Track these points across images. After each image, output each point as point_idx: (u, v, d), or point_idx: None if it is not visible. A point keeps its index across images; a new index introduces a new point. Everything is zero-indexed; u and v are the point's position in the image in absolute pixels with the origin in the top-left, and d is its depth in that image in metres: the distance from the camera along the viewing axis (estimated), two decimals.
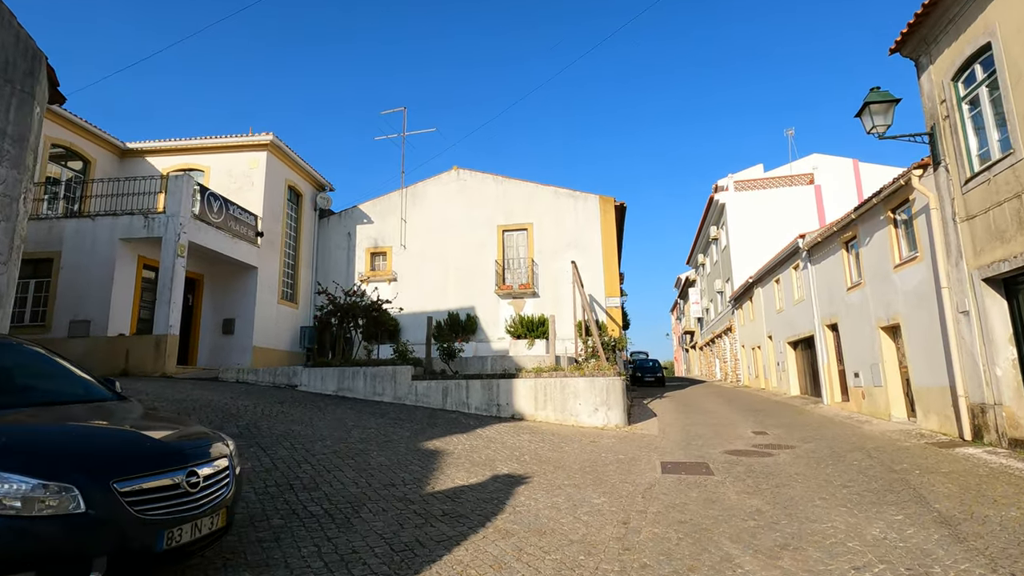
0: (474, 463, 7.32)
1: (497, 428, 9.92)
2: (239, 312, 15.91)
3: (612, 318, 18.03)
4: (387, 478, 6.24)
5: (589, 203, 18.77)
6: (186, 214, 13.00)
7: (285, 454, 6.83)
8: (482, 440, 8.82)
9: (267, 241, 16.69)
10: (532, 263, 18.55)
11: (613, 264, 18.25)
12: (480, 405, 11.33)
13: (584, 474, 7.02)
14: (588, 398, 11.00)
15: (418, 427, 9.43)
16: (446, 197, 19.74)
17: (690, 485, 6.48)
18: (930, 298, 9.49)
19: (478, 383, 11.39)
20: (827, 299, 14.73)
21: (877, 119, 8.94)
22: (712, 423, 12.15)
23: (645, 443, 9.49)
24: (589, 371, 11.32)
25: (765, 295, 21.75)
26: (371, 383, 11.68)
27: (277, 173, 17.39)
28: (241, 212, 15.31)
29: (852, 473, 6.91)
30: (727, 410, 15.06)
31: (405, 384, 11.59)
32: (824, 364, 15.09)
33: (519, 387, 11.26)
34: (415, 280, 19.23)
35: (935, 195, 8.95)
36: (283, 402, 10.23)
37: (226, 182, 16.75)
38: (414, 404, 11.47)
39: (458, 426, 9.85)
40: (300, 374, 12.06)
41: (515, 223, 19.08)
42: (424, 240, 19.46)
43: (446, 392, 11.45)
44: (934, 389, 9.56)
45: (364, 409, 10.55)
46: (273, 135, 16.54)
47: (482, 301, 18.65)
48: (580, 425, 10.90)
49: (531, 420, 11.10)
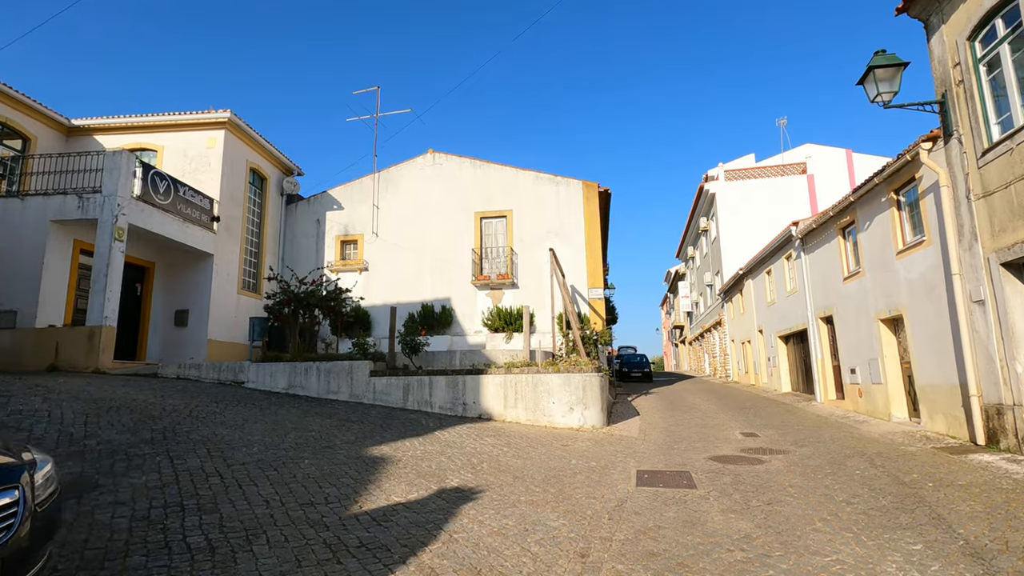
0: (420, 473, 6.31)
1: (459, 430, 8.92)
2: (193, 303, 14.76)
3: (595, 310, 17.07)
4: (308, 495, 5.22)
5: (572, 189, 17.75)
6: (125, 194, 11.83)
7: (195, 465, 5.79)
8: (438, 445, 7.82)
9: (225, 227, 15.53)
10: (511, 252, 17.53)
11: (597, 253, 17.27)
12: (444, 404, 10.32)
13: (546, 487, 6.04)
14: (562, 396, 10.02)
15: (368, 429, 8.40)
16: (421, 182, 18.64)
17: (668, 502, 5.52)
18: (938, 286, 8.58)
19: (442, 380, 10.38)
20: (822, 290, 13.84)
21: (882, 86, 7.99)
22: (698, 423, 11.24)
23: (623, 447, 8.53)
24: (564, 367, 10.35)
25: (756, 287, 20.89)
26: (325, 380, 10.63)
27: (237, 154, 16.21)
28: (193, 194, 14.14)
29: (855, 485, 5.98)
30: (715, 408, 14.17)
31: (362, 381, 10.55)
32: (818, 359, 14.22)
33: (487, 384, 10.27)
34: (388, 270, 18.15)
35: (946, 171, 8.02)
36: (221, 401, 9.16)
37: (181, 163, 15.56)
38: (371, 403, 10.44)
39: (415, 428, 8.84)
40: (248, 370, 10.98)
41: (494, 210, 18.03)
42: (397, 228, 18.37)
43: (407, 390, 10.43)
44: (941, 387, 8.67)
45: (313, 409, 9.51)
46: (231, 112, 15.34)
47: (458, 292, 17.62)
48: (553, 426, 9.93)
49: (500, 420, 10.11)
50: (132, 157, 12.20)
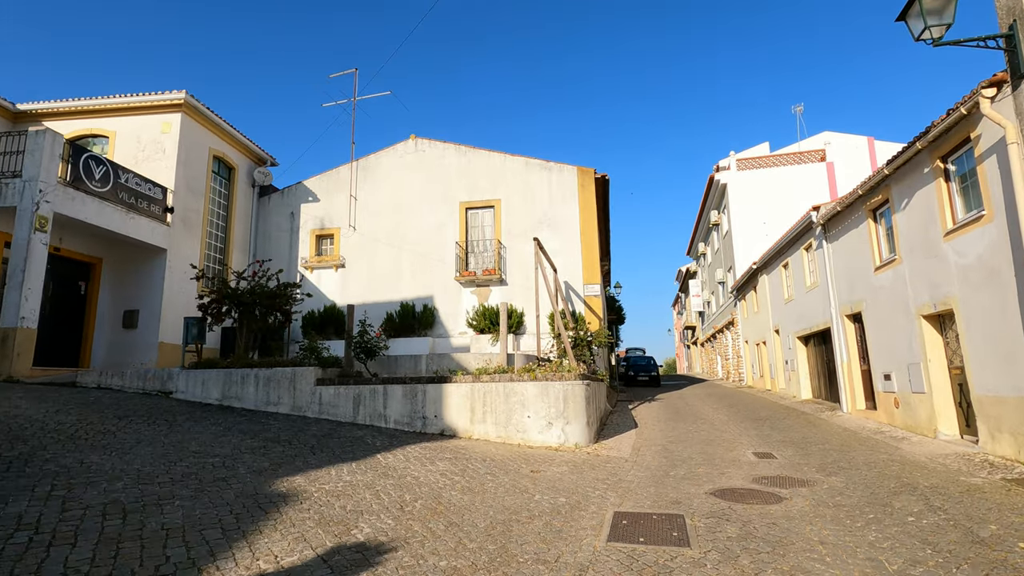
0: (324, 520, 4.75)
1: (409, 451, 7.35)
2: (144, 303, 13.38)
3: (592, 309, 15.42)
4: (136, 559, 3.68)
5: (565, 175, 16.13)
6: (49, 179, 10.46)
7: (15, 511, 4.28)
8: (372, 473, 6.25)
9: (182, 219, 14.14)
10: (499, 245, 15.95)
11: (593, 246, 15.62)
12: (401, 418, 8.76)
13: (483, 542, 4.44)
14: (539, 409, 8.41)
15: (293, 452, 6.86)
16: (402, 171, 17.14)
17: (646, 571, 3.89)
18: (1003, 272, 6.83)
19: (399, 389, 8.81)
20: (847, 283, 12.06)
21: (931, 18, 6.28)
22: (704, 438, 9.55)
23: (607, 472, 6.90)
24: (542, 374, 8.73)
25: (771, 283, 19.07)
26: (264, 390, 9.12)
27: (197, 140, 14.83)
28: (140, 182, 12.76)
29: (912, 542, 4.29)
30: (725, 418, 12.45)
31: (307, 391, 9.03)
32: (843, 363, 12.43)
33: (451, 394, 8.69)
34: (365, 266, 16.66)
35: (1015, 124, 6.29)
36: (128, 416, 7.69)
37: (134, 150, 14.21)
38: (316, 416, 8.91)
39: (354, 450, 7.28)
40: (177, 378, 9.51)
41: (480, 199, 16.47)
42: (376, 220, 16.88)
43: (358, 401, 8.88)
44: (1008, 400, 6.91)
45: (240, 425, 7.99)
46: (187, 93, 13.95)
47: (442, 290, 16.07)
48: (528, 444, 8.32)
49: (465, 438, 8.52)
50: (58, 137, 10.83)
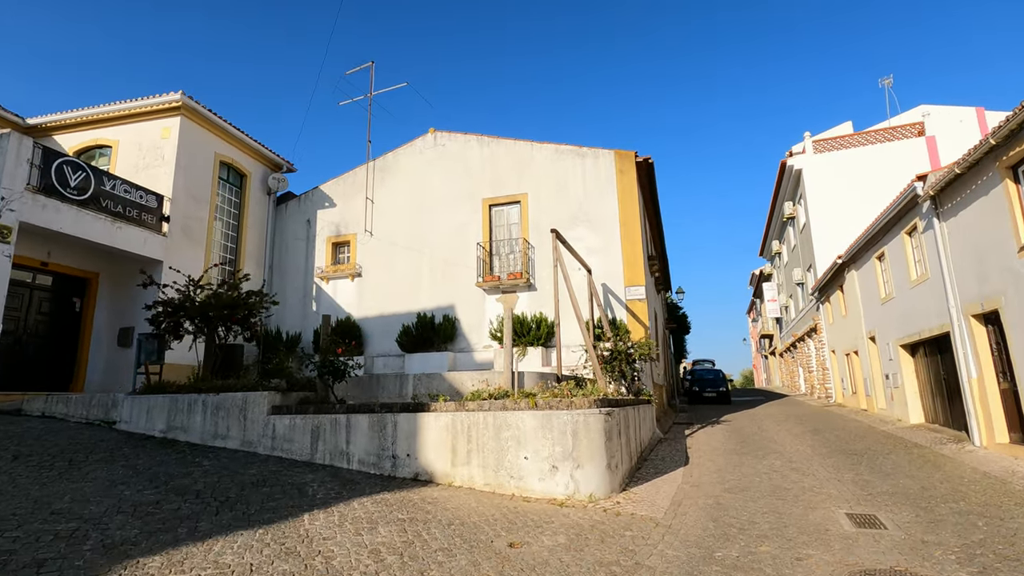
0: None
1: (354, 510, 5.42)
2: (139, 319, 12.39)
3: (635, 315, 13.02)
4: None
5: (601, 161, 13.90)
6: (14, 185, 9.59)
7: None
8: (273, 550, 4.34)
9: (182, 228, 13.18)
10: (527, 245, 13.92)
11: (636, 241, 13.26)
12: (367, 456, 6.88)
13: None
14: (540, 447, 6.27)
15: (189, 512, 5.10)
16: (421, 168, 15.55)
17: None
18: None
19: (364, 420, 6.95)
20: (974, 272, 9.07)
21: None
22: (775, 484, 7.01)
23: (619, 551, 4.65)
24: (544, 400, 6.59)
25: (862, 280, 15.81)
26: (212, 419, 7.55)
27: (199, 144, 13.92)
28: (129, 189, 11.85)
29: None
30: (808, 451, 9.69)
31: (258, 421, 7.36)
32: (972, 379, 9.36)
33: (427, 427, 6.72)
34: (383, 274, 15.13)
35: None
36: (25, 456, 6.28)
37: (135, 158, 13.45)
38: (268, 453, 7.20)
39: (281, 506, 5.43)
40: (122, 405, 8.15)
41: (505, 195, 14.54)
42: (394, 224, 15.36)
43: (316, 434, 7.10)
44: None
45: (157, 468, 6.38)
46: (183, 93, 13.03)
47: (464, 298, 14.23)
48: (525, 495, 6.19)
49: (443, 484, 6.51)
50: (25, 140, 9.99)
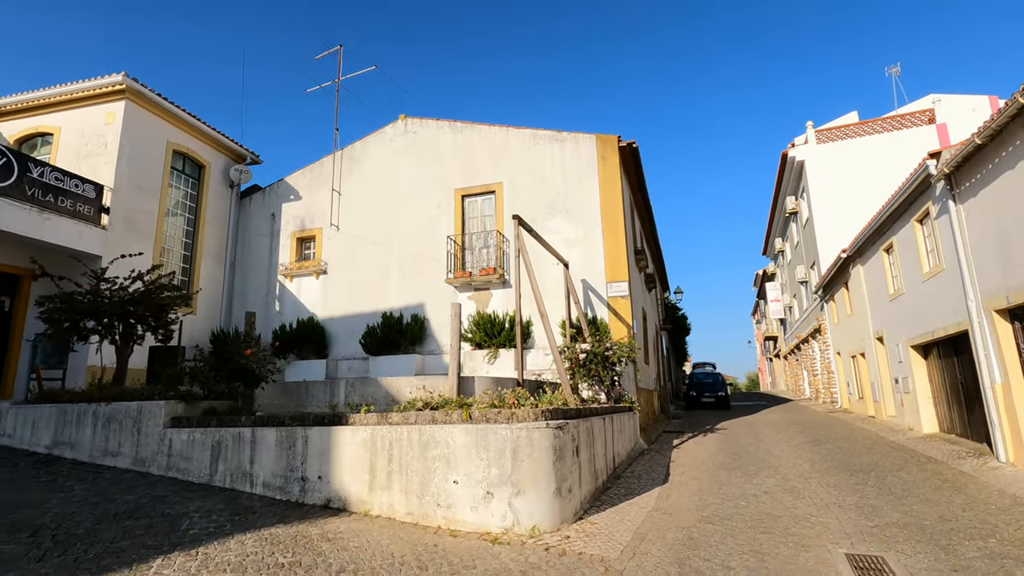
0: None
1: (225, 552, 4.31)
2: None
3: (617, 314, 11.87)
4: None
5: (582, 147, 12.79)
6: None
7: None
8: None
9: (125, 221, 12.17)
10: (501, 238, 12.82)
11: (618, 233, 12.13)
12: (272, 479, 5.78)
13: None
14: (473, 469, 5.16)
15: (16, 554, 4.01)
16: (391, 157, 14.50)
17: None
18: None
19: (271, 435, 5.86)
20: (997, 260, 7.88)
21: None
22: (762, 511, 5.85)
23: None
24: (480, 412, 5.47)
25: (869, 275, 14.60)
26: (103, 433, 6.48)
27: (148, 132, 12.92)
28: (61, 177, 10.84)
29: None
30: (807, 467, 8.51)
31: (153, 435, 6.28)
32: (996, 384, 8.15)
33: (344, 444, 5.62)
34: (349, 271, 14.08)
35: None
36: None
37: (77, 146, 12.48)
38: (162, 474, 6.12)
39: (142, 543, 4.33)
40: (6, 416, 7.10)
41: (479, 184, 13.45)
42: (362, 217, 14.30)
43: (218, 450, 6.01)
44: None
45: (14, 495, 5.30)
46: (125, 75, 12.02)
47: (434, 296, 13.14)
48: (453, 528, 5.07)
49: (359, 513, 5.40)
50: None
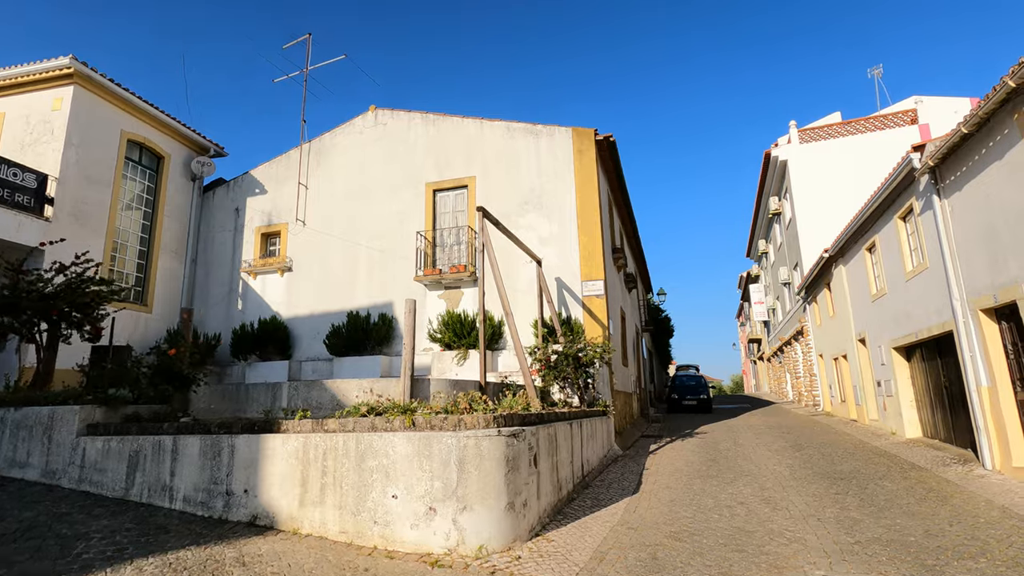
0: None
1: None
2: None
3: (593, 314, 11.40)
4: None
5: (558, 140, 12.31)
6: None
7: None
8: None
9: (72, 213, 11.46)
10: (473, 235, 12.29)
11: (594, 231, 11.66)
12: (194, 492, 5.18)
13: None
14: (414, 481, 4.61)
15: None
16: (360, 150, 13.90)
17: None
18: None
19: (195, 444, 5.26)
20: (985, 256, 7.52)
21: None
22: (736, 525, 5.37)
23: None
24: (425, 417, 4.93)
25: (851, 275, 14.30)
26: (11, 442, 5.83)
27: (100, 119, 12.21)
28: None
29: None
30: (785, 473, 8.08)
31: (66, 443, 5.65)
32: (982, 388, 7.78)
33: (274, 454, 5.04)
34: (315, 268, 13.45)
35: None
36: None
37: (21, 132, 11.73)
38: (73, 487, 5.49)
39: (28, 569, 3.72)
40: None
41: (451, 178, 12.91)
42: (329, 212, 13.69)
43: (135, 461, 5.40)
44: None
45: None
46: (73, 57, 11.32)
47: (403, 294, 12.54)
48: (391, 549, 4.52)
49: (287, 531, 4.82)
50: None
